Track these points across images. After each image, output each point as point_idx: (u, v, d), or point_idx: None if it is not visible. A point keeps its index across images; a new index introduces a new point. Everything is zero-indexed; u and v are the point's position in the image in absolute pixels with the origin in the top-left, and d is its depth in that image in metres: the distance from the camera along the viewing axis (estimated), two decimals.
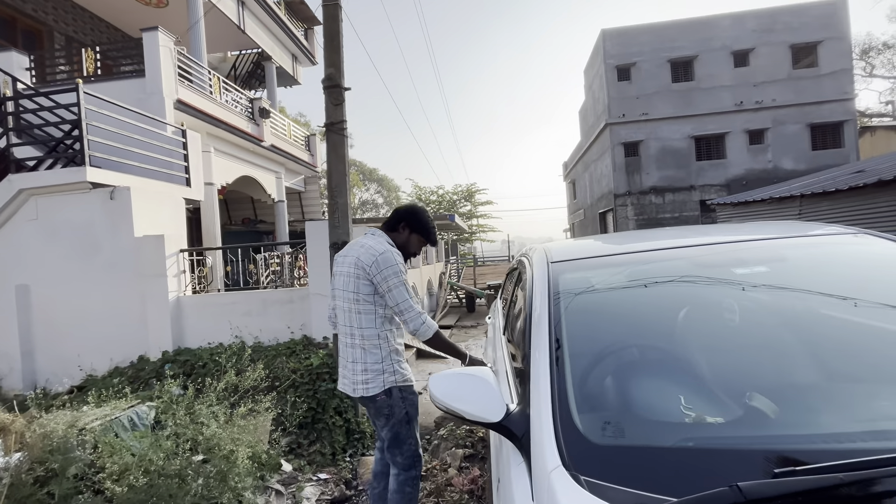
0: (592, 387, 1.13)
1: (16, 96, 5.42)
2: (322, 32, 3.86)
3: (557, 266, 1.56)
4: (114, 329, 5.05)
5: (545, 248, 1.81)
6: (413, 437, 2.02)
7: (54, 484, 2.22)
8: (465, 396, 1.09)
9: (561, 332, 1.22)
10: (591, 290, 1.52)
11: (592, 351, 1.25)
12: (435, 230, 2.23)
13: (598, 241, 2.22)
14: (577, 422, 0.93)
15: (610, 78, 17.74)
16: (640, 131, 17.54)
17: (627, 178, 17.69)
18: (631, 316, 1.43)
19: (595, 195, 21.08)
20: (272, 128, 9.96)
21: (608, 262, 1.67)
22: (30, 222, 5.16)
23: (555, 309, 1.31)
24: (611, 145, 17.78)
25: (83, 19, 9.60)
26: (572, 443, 0.87)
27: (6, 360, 5.06)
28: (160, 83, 6.74)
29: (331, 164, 3.85)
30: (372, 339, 1.94)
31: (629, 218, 17.70)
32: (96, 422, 2.62)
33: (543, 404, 0.97)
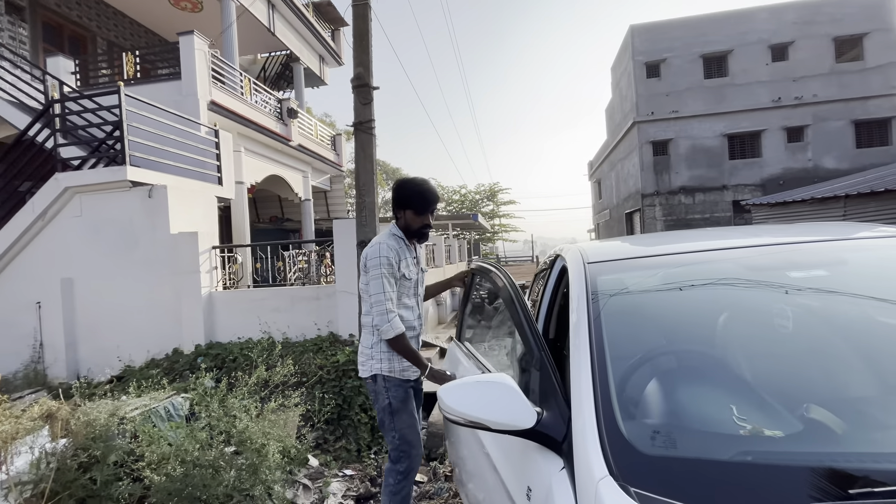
0: (636, 393, 1.08)
1: (62, 99, 5.69)
2: (350, 32, 3.91)
3: (595, 267, 1.51)
4: (150, 322, 5.25)
5: (580, 249, 1.76)
6: (397, 430, 1.97)
7: (96, 470, 2.31)
8: (487, 405, 1.04)
9: (601, 335, 1.18)
10: (631, 292, 1.46)
11: (635, 355, 1.20)
12: (425, 197, 2.01)
13: (637, 241, 2.15)
14: (623, 429, 0.89)
15: (638, 75, 17.30)
16: (669, 129, 17.03)
17: (655, 177, 17.22)
18: (676, 320, 1.37)
19: (621, 195, 20.60)
20: (300, 128, 10.15)
21: (650, 264, 1.60)
22: (74, 219, 5.42)
23: (594, 311, 1.27)
24: (638, 144, 17.34)
25: (124, 25, 10.03)
26: (619, 451, 0.83)
27: (52, 351, 5.33)
28: (195, 85, 6.96)
29: (358, 162, 3.88)
30: (367, 327, 2.02)
31: (657, 218, 17.23)
32: (136, 411, 2.72)
33: (587, 410, 0.94)
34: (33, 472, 2.11)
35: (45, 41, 8.51)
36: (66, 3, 8.77)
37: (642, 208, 17.44)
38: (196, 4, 9.42)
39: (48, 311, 5.36)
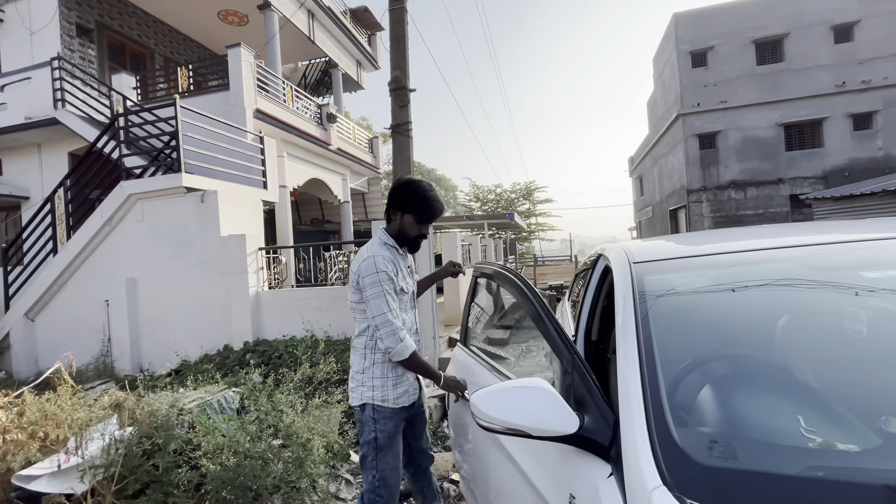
0: (688, 399, 1.03)
1: (125, 112, 6.16)
2: (386, 36, 3.98)
3: (641, 267, 1.46)
4: (203, 319, 5.58)
5: (625, 248, 1.70)
6: (378, 470, 1.74)
7: (158, 457, 2.48)
8: (526, 411, 1.02)
9: (650, 337, 1.13)
10: (680, 293, 1.40)
11: (686, 359, 1.15)
12: (430, 205, 1.78)
13: (685, 239, 2.05)
14: (676, 437, 0.85)
15: (683, 65, 16.49)
16: (717, 121, 16.11)
17: (702, 172, 16.34)
18: (730, 323, 1.30)
19: (665, 191, 19.72)
20: (338, 132, 10.45)
21: (701, 264, 1.52)
22: (137, 223, 5.84)
23: (641, 313, 1.22)
24: (683, 137, 16.53)
25: (178, 41, 10.71)
26: (673, 460, 0.80)
27: (118, 345, 5.78)
28: (242, 94, 7.32)
29: (396, 164, 3.94)
30: (359, 349, 1.81)
31: (704, 215, 16.35)
32: (192, 403, 2.90)
33: (636, 415, 0.90)
34: (104, 456, 2.29)
35: (111, 59, 9.24)
36: (128, 24, 9.48)
37: (688, 205, 16.61)
38: (242, 18, 9.92)
39: (115, 309, 5.82)
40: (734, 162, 15.96)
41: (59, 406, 2.70)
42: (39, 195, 7.97)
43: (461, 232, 8.90)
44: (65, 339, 5.95)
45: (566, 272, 13.99)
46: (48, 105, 7.39)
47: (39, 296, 6.12)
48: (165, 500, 2.32)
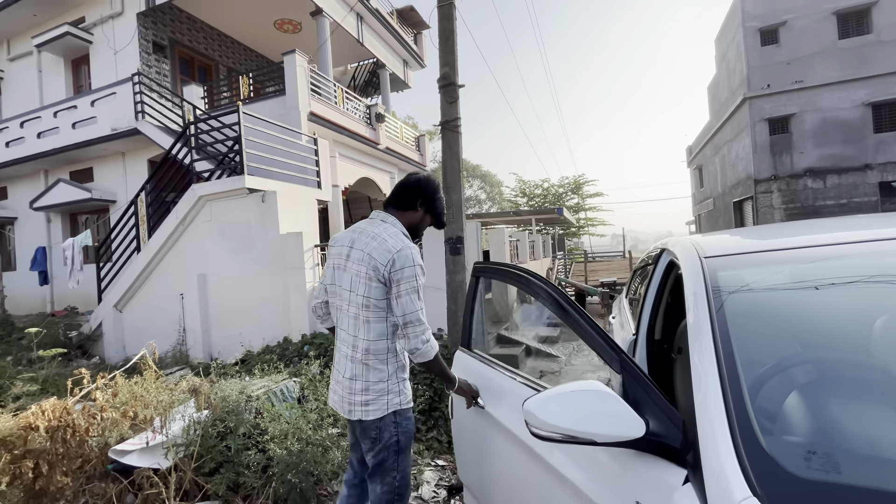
0: (774, 405, 0.95)
1: (195, 121, 6.66)
2: (431, 34, 3.99)
3: (714, 262, 1.36)
4: (265, 313, 5.94)
5: (693, 242, 1.60)
6: (399, 469, 1.66)
7: (230, 439, 2.67)
8: (588, 416, 0.97)
9: (727, 337, 1.06)
10: (758, 290, 1.29)
11: (768, 362, 1.06)
12: (443, 211, 1.82)
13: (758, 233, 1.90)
14: (765, 445, 0.79)
15: (750, 43, 15.20)
16: (791, 103, 14.70)
17: (773, 159, 15.00)
18: (817, 323, 1.18)
19: (728, 182, 18.34)
20: (387, 131, 10.67)
21: (781, 259, 1.40)
22: (206, 223, 6.32)
23: (716, 311, 1.14)
24: (750, 122, 15.26)
25: (239, 52, 11.42)
26: (764, 471, 0.74)
27: (192, 335, 6.29)
28: (297, 99, 7.68)
29: (445, 160, 3.96)
30: (380, 354, 1.61)
31: (774, 207, 15.02)
32: (259, 390, 3.10)
33: (717, 420, 0.85)
34: (185, 436, 2.50)
35: (181, 72, 10.03)
36: (196, 39, 10.24)
37: (755, 196, 15.33)
38: (296, 26, 10.38)
39: (189, 302, 6.34)
40: (811, 147, 14.51)
41: (145, 389, 2.98)
42: (124, 199, 8.85)
43: (508, 228, 8.79)
44: (147, 328, 6.57)
45: (619, 268, 13.42)
46: (130, 117, 8.16)
47: (126, 289, 6.80)
48: (237, 478, 2.50)
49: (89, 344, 7.12)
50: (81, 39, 9.41)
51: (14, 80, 10.89)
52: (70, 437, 2.35)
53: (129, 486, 2.40)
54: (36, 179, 10.35)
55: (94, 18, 9.48)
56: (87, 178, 9.72)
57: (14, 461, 2.17)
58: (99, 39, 9.45)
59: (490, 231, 9.06)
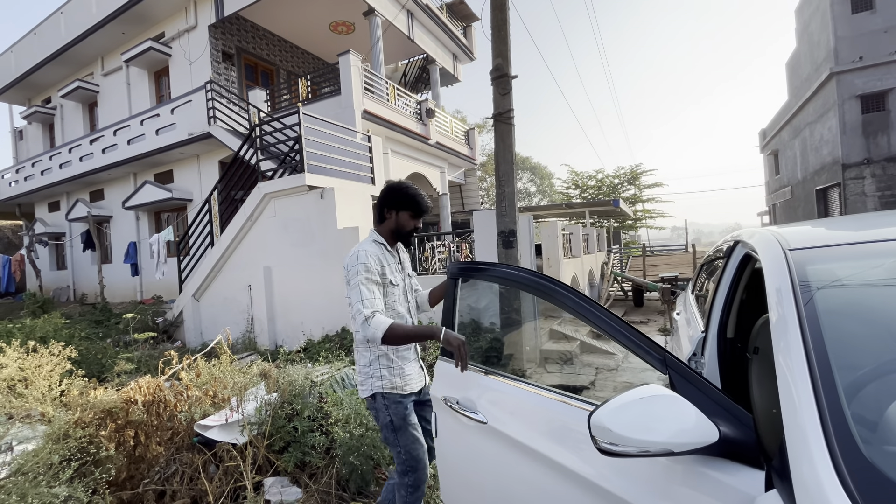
0: (875, 411, 0.87)
1: (260, 123, 7.10)
2: (481, 26, 3.97)
3: (800, 255, 1.25)
4: (324, 304, 6.24)
5: (775, 234, 1.47)
6: (402, 446, 1.86)
7: (297, 421, 2.86)
8: (662, 425, 0.89)
9: (819, 336, 0.97)
10: (851, 286, 1.17)
11: (868, 365, 0.97)
12: (417, 198, 1.96)
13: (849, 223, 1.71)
14: (866, 454, 0.73)
15: (838, 11, 13.57)
16: (888, 77, 12.96)
17: (865, 141, 13.35)
18: None
19: (810, 168, 16.57)
20: (437, 126, 10.76)
21: (876, 251, 1.26)
22: (270, 219, 6.74)
23: (805, 308, 1.05)
24: (838, 100, 13.66)
25: (297, 55, 11.99)
26: (865, 479, 0.68)
27: (259, 323, 6.76)
28: (351, 98, 7.94)
29: (498, 153, 3.93)
30: (359, 345, 1.91)
31: (867, 194, 13.38)
32: (322, 376, 3.28)
33: (809, 425, 0.78)
34: (257, 415, 2.72)
35: (247, 78, 10.72)
36: (259, 46, 10.89)
37: (843, 182, 13.74)
38: (349, 27, 10.71)
39: (256, 292, 6.81)
40: None
41: (222, 371, 3.26)
42: (199, 198, 9.66)
43: (560, 221, 8.57)
44: (220, 316, 7.16)
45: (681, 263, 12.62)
46: (203, 122, 8.86)
47: (202, 280, 7.44)
48: (303, 458, 2.67)
49: (172, 329, 7.89)
50: (162, 53, 10.34)
51: (108, 93, 12.20)
52: (162, 410, 2.63)
53: (212, 458, 2.65)
54: (126, 181, 11.57)
55: (172, 33, 10.38)
56: (168, 180, 10.71)
57: (118, 430, 2.47)
58: (177, 52, 10.33)
59: (542, 224, 8.88)
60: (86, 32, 11.19)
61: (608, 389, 3.70)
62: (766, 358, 1.28)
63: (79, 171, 11.75)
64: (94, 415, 2.46)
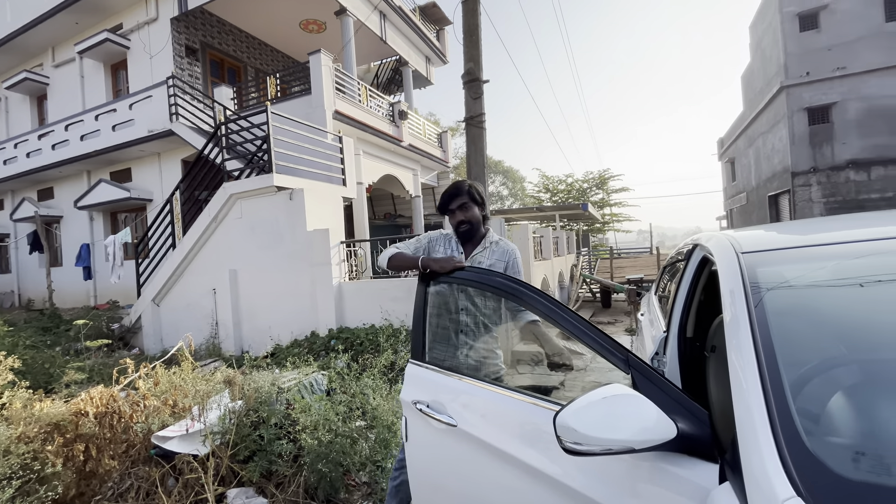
0: (818, 405, 0.93)
1: (226, 121, 6.87)
2: (454, 30, 4.00)
3: (752, 257, 1.32)
4: (293, 307, 6.09)
5: (729, 237, 1.55)
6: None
7: (263, 429, 2.77)
8: (624, 423, 0.92)
9: (768, 335, 1.03)
10: (798, 287, 1.25)
11: (811, 362, 1.03)
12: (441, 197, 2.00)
13: (797, 227, 1.82)
14: (808, 445, 0.77)
15: (788, 29, 14.47)
16: (832, 91, 13.94)
17: (812, 151, 14.28)
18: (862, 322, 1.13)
19: (763, 175, 17.57)
20: (409, 128, 10.73)
21: (822, 254, 1.35)
22: (237, 220, 6.52)
23: (755, 308, 1.11)
24: (787, 113, 14.56)
25: (266, 53, 11.68)
26: (807, 470, 0.72)
27: (224, 328, 6.52)
28: (322, 97, 7.81)
29: (470, 156, 3.96)
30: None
31: (813, 201, 14.30)
32: (289, 383, 3.20)
33: (759, 420, 0.83)
34: (221, 424, 2.61)
35: (212, 74, 10.35)
36: (226, 42, 10.54)
37: (793, 189, 14.65)
38: (321, 26, 10.54)
39: (221, 296, 6.57)
40: (854, 138, 13.74)
41: (183, 379, 3.12)
42: (160, 198, 9.23)
43: (531, 224, 8.71)
44: (182, 321, 6.86)
45: (646, 265, 13.09)
46: (165, 119, 8.49)
47: (163, 284, 7.11)
48: (270, 466, 2.59)
49: (130, 336, 7.49)
50: (119, 45, 9.83)
51: (58, 86, 11.49)
52: (116, 422, 2.49)
53: (171, 471, 2.52)
54: (79, 180, 10.91)
55: (131, 25, 9.89)
56: (125, 179, 10.18)
57: (67, 444, 2.32)
58: (136, 45, 9.85)
59: (513, 227, 9.01)
60: (35, 21, 10.51)
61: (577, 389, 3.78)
62: (721, 356, 1.34)
63: (25, 168, 10.99)
64: (39, 429, 2.31)
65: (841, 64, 13.78)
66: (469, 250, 1.98)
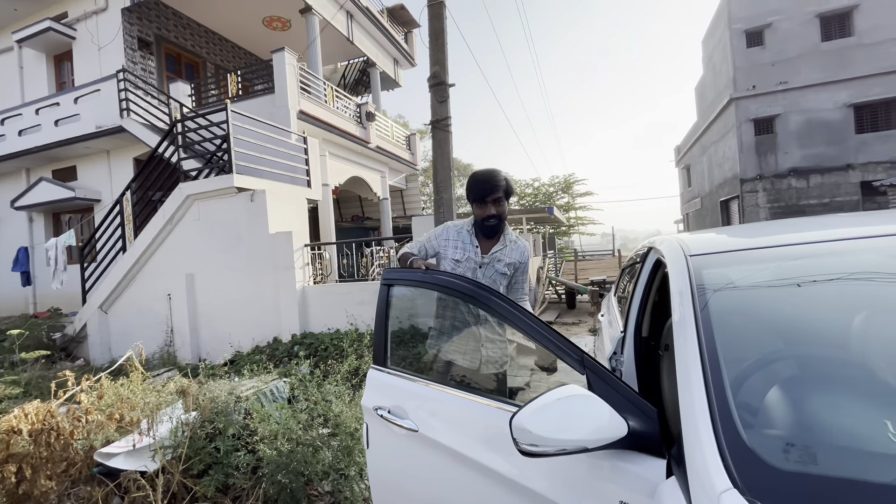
0: (756, 399, 0.98)
1: (182, 118, 6.56)
2: (422, 33, 4.00)
3: (698, 260, 1.39)
4: (254, 313, 5.88)
5: (679, 241, 1.62)
6: None
7: (219, 440, 2.64)
8: (578, 423, 0.93)
9: (711, 334, 1.08)
10: (743, 287, 1.32)
11: (751, 358, 1.09)
12: (471, 183, 1.90)
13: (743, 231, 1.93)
14: (745, 438, 0.81)
15: (736, 45, 15.43)
16: (776, 104, 14.97)
17: (758, 159, 15.27)
18: (798, 320, 1.21)
19: (715, 181, 18.61)
20: (377, 130, 10.63)
21: (764, 257, 1.43)
22: (194, 222, 6.23)
23: (701, 308, 1.16)
24: (736, 123, 15.50)
25: (227, 49, 11.27)
26: (743, 462, 0.76)
27: (179, 336, 6.21)
28: (286, 97, 7.60)
29: (436, 160, 3.96)
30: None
31: (760, 206, 15.29)
32: (248, 391, 3.07)
33: (700, 414, 0.86)
34: (172, 438, 2.47)
35: (168, 69, 9.88)
36: (183, 35, 10.09)
37: (741, 195, 15.59)
38: (285, 23, 10.28)
39: (176, 302, 6.25)
40: (795, 148, 14.80)
41: (131, 391, 2.94)
42: (109, 198, 8.69)
43: None
44: (134, 329, 6.47)
45: (608, 267, 13.54)
46: (115, 114, 8.01)
47: (111, 290, 6.68)
48: (226, 480, 2.47)
49: (73, 346, 6.99)
50: (64, 35, 9.21)
51: None
52: (54, 440, 2.31)
53: (116, 490, 2.37)
54: (17, 178, 10.11)
55: (77, 14, 9.28)
56: (70, 177, 9.52)
57: None
58: (82, 35, 9.25)
59: None
60: None
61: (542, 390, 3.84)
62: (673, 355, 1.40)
63: None
64: None
65: (783, 78, 14.83)
66: (487, 245, 1.94)
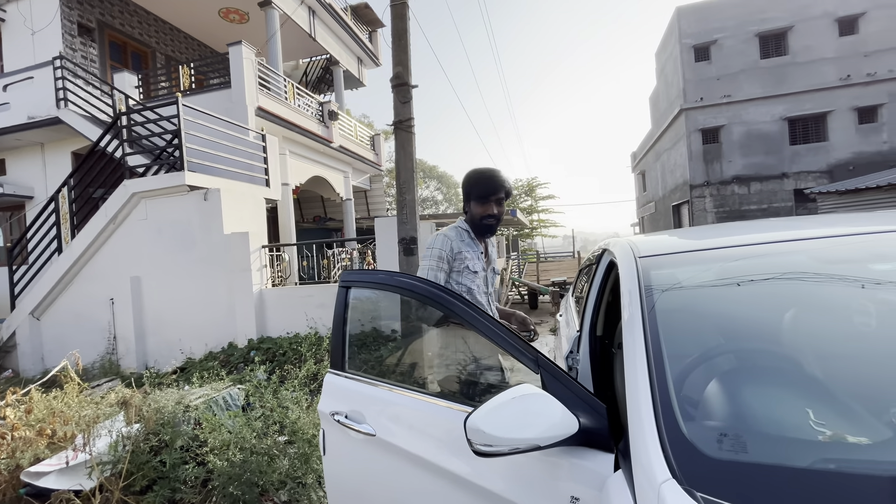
0: (696, 393, 1.03)
1: (128, 111, 6.16)
2: (387, 33, 3.96)
3: (647, 261, 1.45)
4: (207, 317, 5.60)
5: (630, 243, 1.69)
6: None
7: (165, 453, 2.49)
8: (531, 422, 0.95)
9: (657, 332, 1.13)
10: (687, 287, 1.39)
11: (693, 354, 1.14)
12: (482, 182, 1.83)
13: (690, 234, 2.03)
14: (685, 430, 0.85)
15: (685, 59, 16.38)
16: (720, 115, 16.02)
17: (706, 167, 16.27)
18: (736, 317, 1.29)
19: (668, 187, 19.64)
20: (340, 129, 10.43)
21: (707, 258, 1.52)
22: (141, 221, 5.86)
23: (648, 307, 1.21)
24: (686, 132, 16.44)
25: (179, 40, 10.70)
26: (682, 454, 0.80)
27: (124, 343, 5.81)
28: (243, 92, 7.31)
29: (399, 161, 3.93)
30: None
31: (707, 210, 16.29)
32: (198, 400, 2.91)
33: (644, 409, 0.90)
34: (112, 453, 2.30)
35: (112, 58, 9.24)
36: (129, 23, 9.48)
37: (691, 200, 16.54)
38: (243, 16, 9.89)
39: (120, 307, 5.84)
40: (738, 157, 15.88)
41: (66, 404, 2.72)
42: (43, 195, 8.01)
43: None
44: (71, 337, 5.99)
45: (569, 268, 13.97)
46: (51, 104, 7.40)
47: (45, 294, 6.16)
48: (173, 495, 2.33)
49: (0, 356, 6.38)
50: None
51: None
52: None
53: None
54: None
55: None
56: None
57: None
58: (13, 17, 8.49)
59: None
60: None
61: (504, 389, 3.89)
62: None
63: None
64: None
65: (727, 92, 15.89)
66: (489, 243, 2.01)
